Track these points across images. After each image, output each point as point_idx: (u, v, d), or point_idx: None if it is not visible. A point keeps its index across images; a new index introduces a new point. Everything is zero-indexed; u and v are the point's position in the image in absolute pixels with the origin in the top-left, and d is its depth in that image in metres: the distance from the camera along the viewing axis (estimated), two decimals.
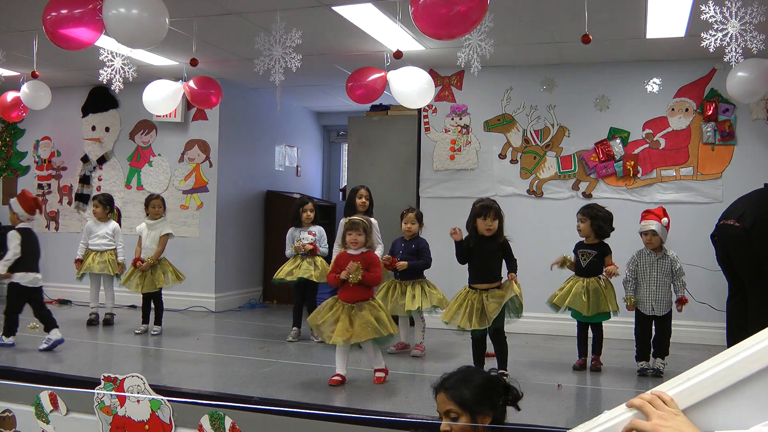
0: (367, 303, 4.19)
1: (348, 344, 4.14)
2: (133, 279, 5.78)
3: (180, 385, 4.07)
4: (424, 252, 5.17)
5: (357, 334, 4.08)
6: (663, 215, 4.59)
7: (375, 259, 4.36)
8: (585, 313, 4.62)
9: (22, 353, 4.97)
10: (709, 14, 3.86)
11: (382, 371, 4.28)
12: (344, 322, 4.09)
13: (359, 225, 4.31)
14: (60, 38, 4.04)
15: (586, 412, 3.72)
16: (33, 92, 6.20)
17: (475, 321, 4.23)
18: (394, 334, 4.26)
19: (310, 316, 4.38)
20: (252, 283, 7.88)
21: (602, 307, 4.61)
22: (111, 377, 3.46)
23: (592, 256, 4.69)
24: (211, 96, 5.81)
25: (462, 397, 2.05)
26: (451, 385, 2.10)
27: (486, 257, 4.35)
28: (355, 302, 4.16)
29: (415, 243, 5.20)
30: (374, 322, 4.11)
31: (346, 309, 4.15)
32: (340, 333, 4.07)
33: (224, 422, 3.36)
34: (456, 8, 3.40)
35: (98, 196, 6.43)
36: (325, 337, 4.19)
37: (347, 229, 4.34)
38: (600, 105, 6.11)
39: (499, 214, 4.33)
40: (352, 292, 4.17)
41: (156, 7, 3.89)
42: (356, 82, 5.32)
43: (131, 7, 3.79)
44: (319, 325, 4.20)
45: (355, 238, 4.28)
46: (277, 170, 8.42)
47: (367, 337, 4.10)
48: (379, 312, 4.19)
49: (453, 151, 6.45)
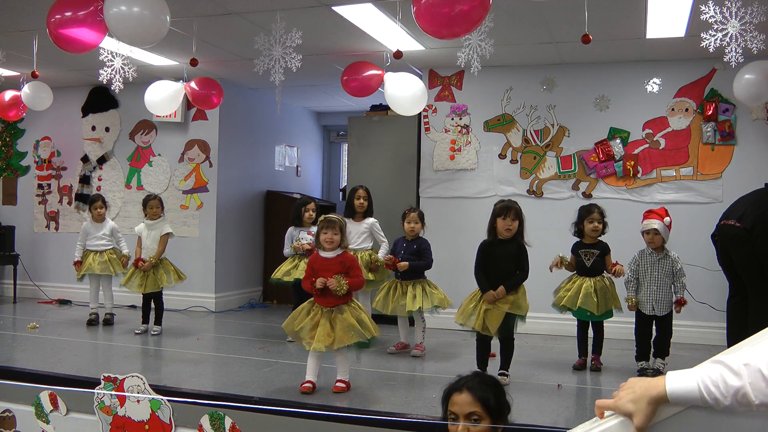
0: (346, 305, 3.96)
1: (331, 350, 3.92)
2: (134, 279, 5.77)
3: (180, 385, 4.07)
4: (425, 252, 5.15)
5: (340, 339, 3.86)
6: (665, 215, 4.59)
7: (354, 261, 4.12)
8: (596, 312, 4.61)
9: (22, 353, 4.97)
10: (709, 14, 3.86)
11: (344, 383, 4.01)
12: (325, 327, 3.86)
13: (336, 224, 4.02)
14: (64, 41, 4.05)
15: (586, 412, 3.72)
16: (35, 93, 6.21)
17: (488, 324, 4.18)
18: (376, 336, 4.09)
19: (285, 322, 4.09)
20: (252, 283, 7.88)
21: (609, 305, 4.64)
22: (111, 377, 3.46)
23: (595, 255, 4.70)
24: (213, 97, 5.82)
25: (488, 400, 2.04)
26: (475, 386, 2.06)
27: (502, 259, 4.28)
28: (334, 306, 3.93)
29: (416, 243, 5.18)
30: (357, 326, 3.90)
31: (325, 313, 3.91)
32: (322, 339, 3.84)
33: (224, 422, 3.36)
34: (458, 7, 3.39)
35: (100, 197, 6.42)
36: (304, 344, 3.94)
37: (322, 227, 4.03)
38: (600, 105, 6.11)
39: (519, 216, 4.29)
40: (331, 296, 3.92)
41: (157, 5, 3.89)
42: (351, 75, 5.36)
43: (132, 5, 3.79)
44: (297, 332, 3.95)
45: (330, 237, 3.99)
46: (277, 170, 8.42)
47: (350, 342, 3.89)
48: (360, 314, 3.98)
49: (453, 151, 6.45)
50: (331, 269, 3.95)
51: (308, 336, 3.89)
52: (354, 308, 3.98)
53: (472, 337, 4.53)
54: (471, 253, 6.35)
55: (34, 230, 8.00)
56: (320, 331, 3.85)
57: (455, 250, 6.41)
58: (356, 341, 3.91)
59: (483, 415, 2.03)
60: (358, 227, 5.47)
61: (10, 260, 7.63)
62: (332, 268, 3.96)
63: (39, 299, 7.65)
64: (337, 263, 3.98)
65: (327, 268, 3.96)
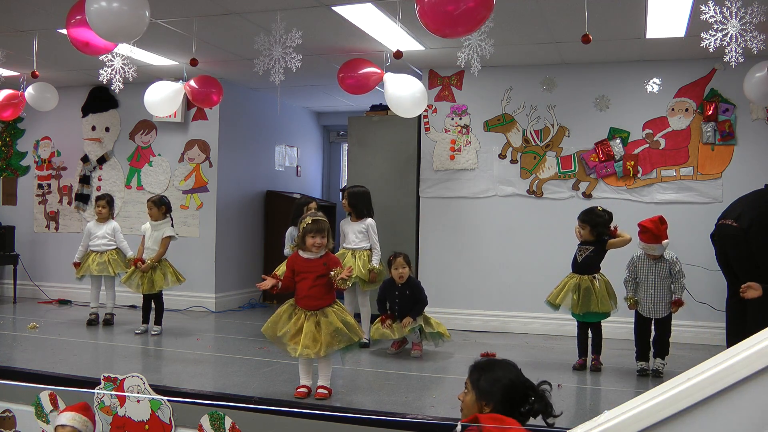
0: (330, 307, 3.79)
1: (318, 356, 3.73)
2: (134, 279, 5.77)
3: (180, 385, 4.07)
4: (420, 294, 5.06)
5: (328, 344, 3.70)
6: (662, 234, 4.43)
7: (338, 261, 3.93)
8: (575, 311, 4.65)
9: (22, 353, 4.97)
10: (709, 14, 3.86)
11: (326, 389, 3.84)
12: (310, 332, 3.69)
13: (325, 230, 3.82)
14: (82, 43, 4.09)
15: (586, 412, 3.72)
16: (39, 93, 6.21)
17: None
18: (362, 338, 4.00)
19: (265, 326, 3.89)
20: (252, 283, 7.85)
21: (593, 308, 4.61)
22: (111, 377, 3.46)
23: (589, 251, 4.70)
24: (212, 94, 5.81)
25: (475, 377, 2.41)
26: (481, 365, 2.46)
27: None
28: (319, 309, 3.77)
29: (408, 288, 5.06)
30: (344, 328, 3.73)
31: (309, 316, 3.74)
32: (308, 345, 3.67)
33: (224, 422, 3.36)
34: (463, 5, 3.37)
35: (105, 196, 6.41)
36: (289, 350, 3.75)
37: (311, 231, 3.79)
38: (600, 105, 6.11)
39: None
40: (314, 298, 3.76)
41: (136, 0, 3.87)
42: (347, 73, 5.37)
43: (112, 1, 3.78)
44: (279, 337, 3.77)
45: (320, 242, 3.80)
46: (277, 170, 8.42)
47: (339, 347, 3.74)
48: (345, 315, 3.83)
49: (453, 151, 6.45)
50: (314, 271, 3.80)
51: (292, 342, 3.73)
52: (338, 310, 3.83)
53: (472, 337, 4.51)
54: (471, 253, 6.42)
55: (34, 230, 8.00)
56: (306, 337, 3.69)
57: (455, 250, 6.42)
58: (346, 345, 3.78)
59: (468, 390, 2.43)
60: (356, 227, 5.45)
61: (10, 260, 7.63)
62: (315, 269, 3.81)
63: (39, 299, 7.65)
64: (320, 265, 3.82)
65: (310, 270, 3.80)
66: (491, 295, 6.26)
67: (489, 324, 6.18)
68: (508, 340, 5.74)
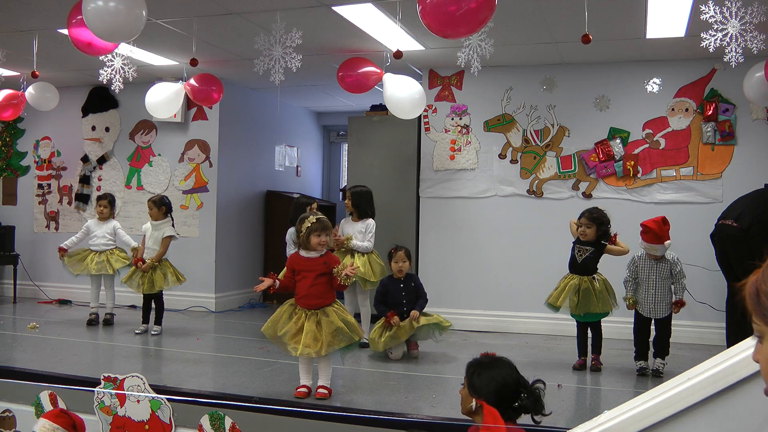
0: (330, 307, 3.80)
1: (319, 355, 3.74)
2: (134, 279, 5.77)
3: (180, 385, 4.07)
4: (422, 289, 5.11)
5: (329, 344, 3.70)
6: (664, 235, 4.43)
7: (337, 260, 3.97)
8: (574, 311, 4.66)
9: (22, 353, 4.97)
10: (709, 14, 3.86)
11: (326, 389, 3.84)
12: (311, 331, 3.70)
13: (329, 228, 3.86)
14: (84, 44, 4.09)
15: (586, 412, 3.72)
16: (40, 93, 6.20)
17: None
18: (362, 337, 4.02)
19: (265, 326, 3.89)
20: (252, 283, 7.83)
21: (592, 308, 4.61)
22: (111, 377, 3.46)
23: (589, 252, 4.70)
24: (213, 92, 5.80)
25: (470, 372, 2.51)
26: (477, 362, 2.56)
27: None
28: (319, 308, 3.78)
29: (412, 281, 5.10)
30: (344, 328, 3.75)
31: (309, 316, 3.75)
32: (309, 344, 3.67)
33: (224, 422, 3.36)
34: (465, 6, 3.37)
35: (107, 196, 6.40)
36: (289, 350, 3.75)
37: (317, 229, 3.81)
38: (600, 105, 6.11)
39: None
40: (314, 297, 3.78)
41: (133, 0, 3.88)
42: (346, 71, 5.38)
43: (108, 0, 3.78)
44: (280, 337, 3.77)
45: (325, 240, 3.83)
46: (277, 170, 8.42)
47: (339, 346, 3.75)
48: (345, 314, 3.85)
49: (453, 151, 6.45)
50: (314, 270, 3.82)
51: (292, 341, 3.73)
52: (338, 309, 3.84)
53: (472, 337, 4.51)
54: (471, 253, 6.42)
55: (34, 230, 8.00)
56: (307, 336, 3.69)
57: (455, 250, 6.42)
58: (347, 344, 3.80)
59: (464, 383, 2.55)
60: (357, 227, 5.44)
61: (10, 260, 7.63)
62: (316, 268, 3.82)
63: (39, 299, 7.65)
64: (321, 263, 3.84)
65: (310, 269, 3.82)
66: (491, 295, 6.26)
67: (489, 324, 6.18)
68: (508, 340, 5.74)
